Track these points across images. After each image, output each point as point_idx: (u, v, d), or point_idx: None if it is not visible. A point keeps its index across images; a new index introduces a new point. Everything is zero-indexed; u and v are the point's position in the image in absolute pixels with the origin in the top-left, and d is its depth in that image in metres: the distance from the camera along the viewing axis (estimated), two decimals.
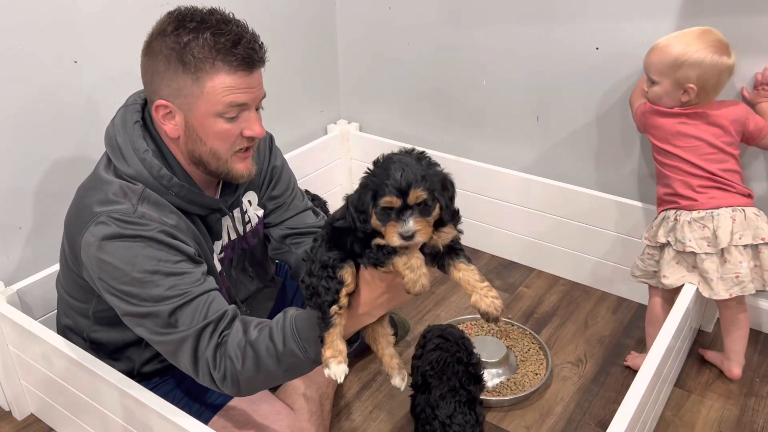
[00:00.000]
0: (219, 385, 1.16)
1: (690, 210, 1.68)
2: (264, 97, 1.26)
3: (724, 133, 1.67)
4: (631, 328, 2.05)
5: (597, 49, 2.00)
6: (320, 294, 1.09)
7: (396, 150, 1.09)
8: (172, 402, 1.33)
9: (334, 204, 2.63)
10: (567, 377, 1.86)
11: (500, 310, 1.03)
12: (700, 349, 1.92)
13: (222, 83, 1.16)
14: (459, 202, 1.09)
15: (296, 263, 1.52)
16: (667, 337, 1.49)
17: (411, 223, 0.98)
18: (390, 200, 0.99)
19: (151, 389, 1.35)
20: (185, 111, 1.20)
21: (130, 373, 1.42)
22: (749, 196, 1.69)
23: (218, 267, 1.40)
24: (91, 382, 1.42)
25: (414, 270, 1.01)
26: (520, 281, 2.28)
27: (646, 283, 1.82)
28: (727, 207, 1.65)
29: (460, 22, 2.23)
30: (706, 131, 1.67)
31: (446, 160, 2.29)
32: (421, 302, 2.16)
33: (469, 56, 2.25)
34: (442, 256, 1.07)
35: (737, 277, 1.64)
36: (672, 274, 1.72)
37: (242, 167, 1.27)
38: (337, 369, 1.07)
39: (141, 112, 1.28)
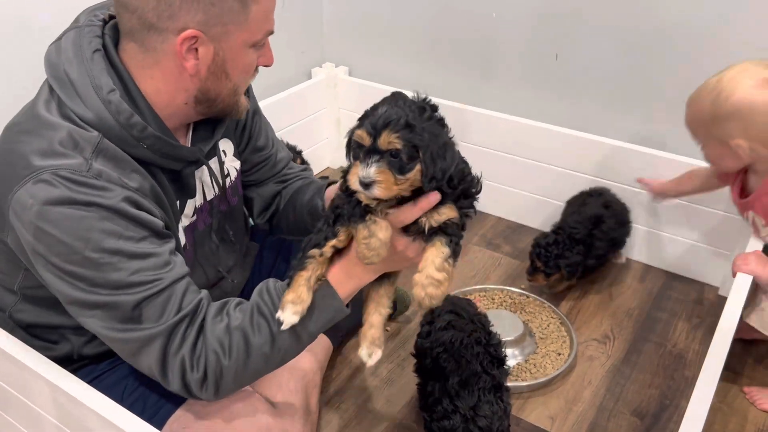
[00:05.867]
0: (195, 388, 1.02)
1: None
2: None
3: None
4: (662, 298, 1.86)
5: None
6: (311, 238, 1.03)
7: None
8: (122, 394, 1.16)
9: (318, 162, 2.43)
10: (594, 357, 1.66)
11: (434, 302, 0.96)
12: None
13: (265, 7, 1.07)
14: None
15: (290, 195, 1.40)
16: (726, 340, 1.22)
17: (372, 170, 0.91)
18: (361, 134, 0.93)
19: (94, 378, 1.17)
20: (217, 42, 1.05)
21: (70, 357, 1.20)
22: None
23: (183, 240, 1.19)
24: (16, 372, 1.19)
25: (370, 249, 0.95)
26: None
27: None
28: None
29: None
30: None
31: (448, 108, 2.05)
32: None
33: None
34: (430, 235, 0.99)
35: None
36: None
37: (245, 100, 1.18)
38: (290, 317, 1.00)
39: (101, 37, 1.05)
